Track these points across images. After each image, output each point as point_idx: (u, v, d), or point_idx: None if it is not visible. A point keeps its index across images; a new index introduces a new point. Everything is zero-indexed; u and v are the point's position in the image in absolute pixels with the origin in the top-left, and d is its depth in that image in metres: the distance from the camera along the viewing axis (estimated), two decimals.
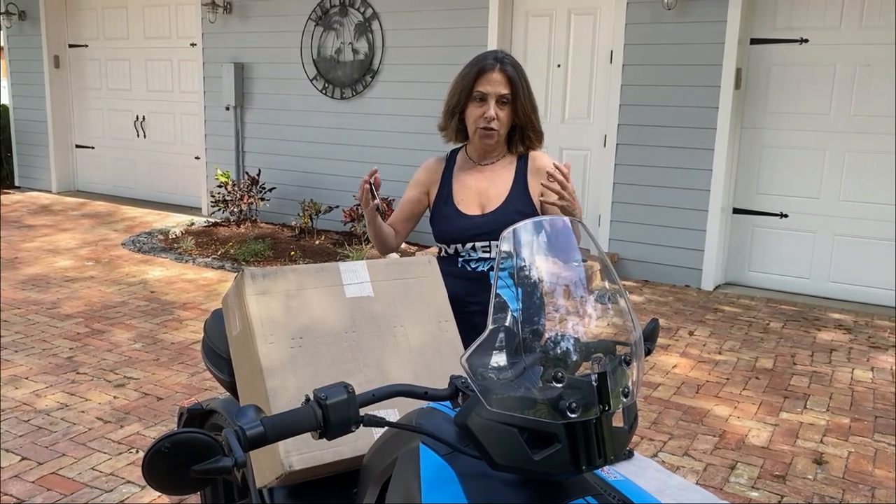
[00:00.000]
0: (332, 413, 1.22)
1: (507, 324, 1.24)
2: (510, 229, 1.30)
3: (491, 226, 2.28)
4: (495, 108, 2.23)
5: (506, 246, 1.28)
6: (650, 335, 1.58)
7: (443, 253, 2.40)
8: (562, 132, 6.86)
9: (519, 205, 2.30)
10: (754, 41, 5.99)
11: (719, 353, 4.70)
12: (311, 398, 1.24)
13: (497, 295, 1.24)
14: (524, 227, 1.31)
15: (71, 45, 10.03)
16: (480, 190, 2.33)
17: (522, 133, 2.32)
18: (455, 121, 2.33)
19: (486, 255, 2.32)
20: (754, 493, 3.09)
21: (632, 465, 1.88)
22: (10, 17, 9.92)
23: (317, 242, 7.23)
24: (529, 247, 1.31)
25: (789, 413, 3.86)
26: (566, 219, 1.37)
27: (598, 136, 6.65)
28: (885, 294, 5.79)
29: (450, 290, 1.98)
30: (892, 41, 5.56)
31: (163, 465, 1.12)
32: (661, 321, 5.30)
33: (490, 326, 1.22)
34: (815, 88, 5.87)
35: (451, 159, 2.44)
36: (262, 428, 1.19)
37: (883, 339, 5.03)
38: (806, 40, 5.83)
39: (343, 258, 6.55)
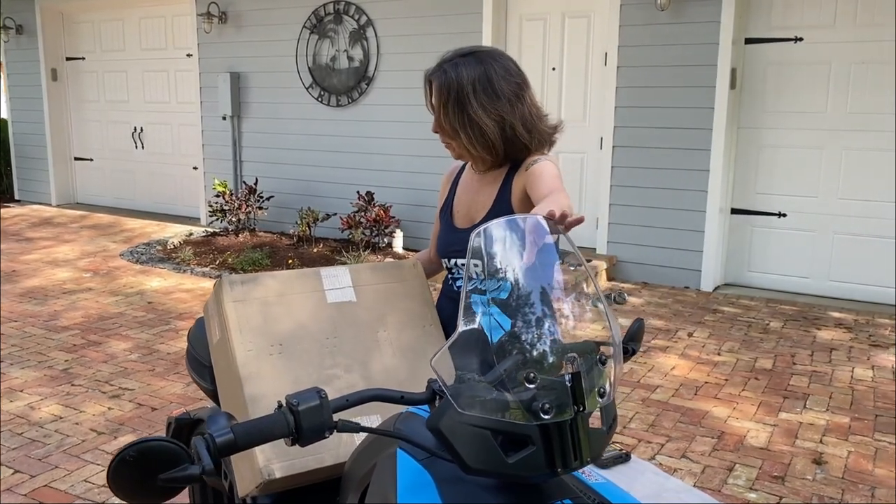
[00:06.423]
0: (304, 419, 1.20)
1: (477, 325, 1.22)
2: (481, 228, 1.27)
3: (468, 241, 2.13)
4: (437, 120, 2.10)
5: (477, 244, 1.26)
6: (635, 335, 1.56)
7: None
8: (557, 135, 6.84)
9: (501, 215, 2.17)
10: (749, 41, 5.97)
11: (718, 354, 4.67)
12: (283, 404, 1.22)
13: (468, 295, 1.22)
14: (496, 225, 1.29)
15: (68, 58, 10.06)
16: (471, 202, 2.14)
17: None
18: None
19: None
20: (752, 495, 3.06)
21: (629, 469, 1.85)
22: (7, 31, 9.96)
23: (315, 250, 7.21)
24: (503, 245, 1.28)
25: (789, 413, 3.83)
26: (540, 217, 1.34)
27: (594, 138, 6.63)
28: (886, 292, 5.75)
29: (442, 310, 1.97)
30: (887, 38, 5.53)
31: (129, 473, 1.11)
32: (661, 323, 5.27)
33: (461, 328, 1.20)
34: (811, 87, 5.84)
35: (463, 167, 2.26)
36: (231, 435, 1.18)
37: (884, 338, 4.99)
38: (801, 39, 5.81)
39: (341, 265, 6.52)
